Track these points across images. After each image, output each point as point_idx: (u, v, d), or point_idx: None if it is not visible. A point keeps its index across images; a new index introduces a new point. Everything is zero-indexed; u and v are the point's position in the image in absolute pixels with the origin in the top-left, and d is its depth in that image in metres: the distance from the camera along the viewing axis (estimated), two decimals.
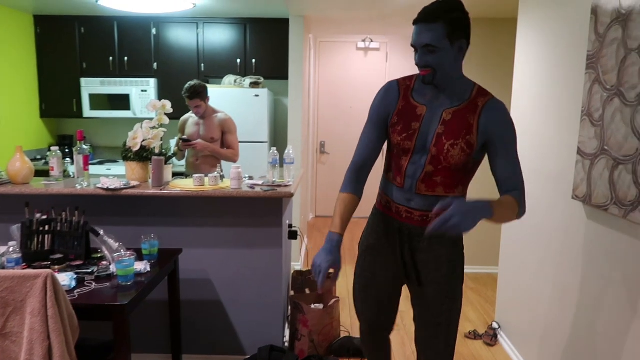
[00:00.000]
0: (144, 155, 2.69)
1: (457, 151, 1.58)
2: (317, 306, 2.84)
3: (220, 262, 2.72)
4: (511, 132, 1.58)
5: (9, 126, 4.39)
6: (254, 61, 4.70)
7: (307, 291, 3.03)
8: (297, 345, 2.80)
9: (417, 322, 1.80)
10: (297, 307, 2.79)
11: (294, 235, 2.97)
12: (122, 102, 4.71)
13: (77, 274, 1.96)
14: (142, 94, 4.69)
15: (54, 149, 2.68)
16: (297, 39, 4.29)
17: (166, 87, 4.73)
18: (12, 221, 2.54)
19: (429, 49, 1.51)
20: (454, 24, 1.49)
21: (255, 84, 4.43)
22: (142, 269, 2.05)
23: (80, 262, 2.10)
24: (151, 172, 2.59)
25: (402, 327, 3.29)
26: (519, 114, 2.91)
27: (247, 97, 4.39)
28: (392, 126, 1.68)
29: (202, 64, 4.73)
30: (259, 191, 2.50)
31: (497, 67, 4.19)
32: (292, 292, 3.07)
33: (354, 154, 1.76)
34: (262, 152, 4.45)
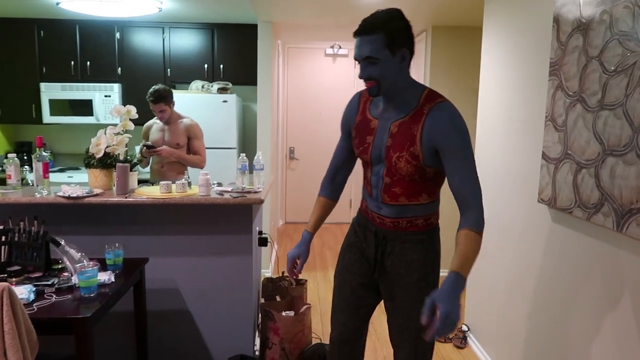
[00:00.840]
0: (107, 162, 2.61)
1: (403, 163, 1.57)
2: (288, 313, 2.80)
3: (188, 271, 2.65)
4: (457, 137, 1.49)
5: None
6: (221, 66, 4.64)
7: (278, 298, 2.99)
8: (268, 353, 2.75)
9: (389, 328, 1.80)
10: (267, 315, 2.75)
11: (264, 242, 2.93)
12: (85, 107, 4.57)
13: (36, 286, 1.87)
14: (106, 100, 4.57)
15: (11, 156, 2.57)
16: (266, 44, 4.27)
17: (131, 93, 4.61)
18: None
19: (370, 60, 1.49)
20: (394, 34, 1.47)
21: (223, 90, 4.38)
22: (106, 279, 1.97)
23: (39, 274, 2.01)
24: (115, 180, 2.51)
25: (374, 333, 3.29)
26: (485, 120, 2.97)
27: (215, 103, 4.33)
28: (353, 140, 1.74)
29: (169, 69, 4.64)
30: (228, 198, 2.46)
31: (463, 73, 4.28)
32: (263, 300, 3.03)
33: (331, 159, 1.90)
34: (230, 158, 4.39)
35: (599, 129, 1.72)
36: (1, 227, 2.05)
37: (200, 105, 4.29)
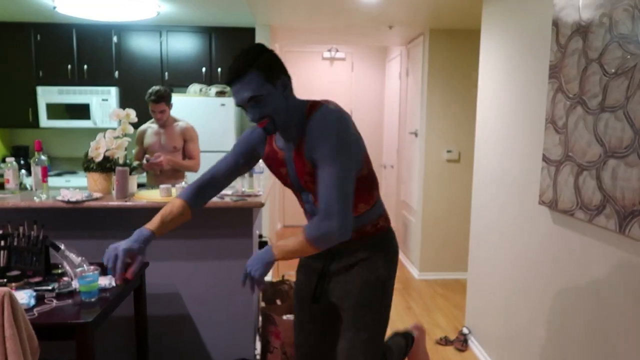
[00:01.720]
0: (107, 165, 2.60)
1: (312, 184, 1.54)
2: (289, 317, 2.79)
3: (188, 275, 2.64)
4: (325, 143, 1.43)
5: None
6: (219, 70, 4.64)
7: (279, 302, 2.98)
8: (269, 358, 2.74)
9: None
10: (268, 319, 2.74)
11: (264, 245, 2.92)
12: (82, 111, 4.55)
13: (36, 291, 1.85)
14: (103, 103, 4.55)
15: (9, 160, 2.55)
16: None
17: (128, 96, 4.60)
18: None
19: (255, 100, 1.44)
20: (267, 66, 1.43)
21: (221, 93, 4.38)
22: (106, 284, 1.96)
23: (39, 279, 1.99)
24: (115, 183, 2.50)
25: None
26: (484, 123, 2.98)
27: (213, 106, 4.32)
28: (268, 167, 1.69)
29: (166, 73, 4.63)
30: (228, 201, 2.45)
31: (462, 77, 4.29)
32: (263, 304, 3.02)
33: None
34: None
35: (600, 131, 1.73)
36: (0, 232, 2.03)
37: (198, 108, 4.28)
